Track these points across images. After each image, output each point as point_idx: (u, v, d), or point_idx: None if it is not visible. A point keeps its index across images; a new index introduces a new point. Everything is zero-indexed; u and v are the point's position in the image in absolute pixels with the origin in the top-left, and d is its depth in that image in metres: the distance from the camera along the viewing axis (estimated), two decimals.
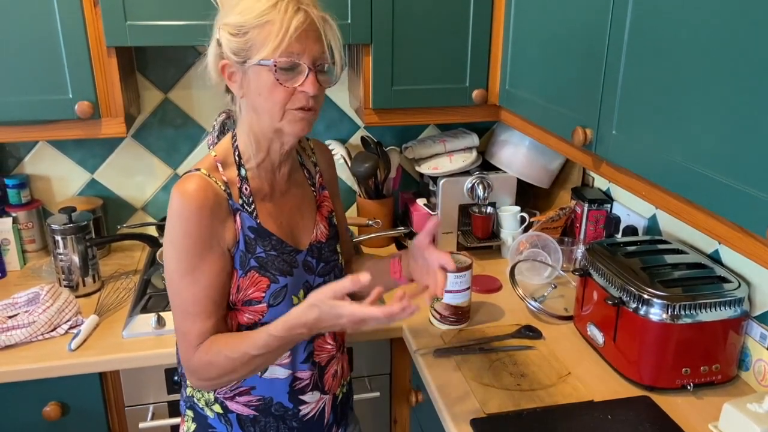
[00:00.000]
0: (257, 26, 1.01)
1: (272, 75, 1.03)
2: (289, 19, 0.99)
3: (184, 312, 1.10)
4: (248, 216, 1.13)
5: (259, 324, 1.15)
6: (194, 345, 1.11)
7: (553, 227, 1.96)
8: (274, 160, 1.16)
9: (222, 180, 1.11)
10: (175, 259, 1.09)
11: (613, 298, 1.38)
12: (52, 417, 1.53)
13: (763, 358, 1.34)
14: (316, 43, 1.03)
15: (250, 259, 1.13)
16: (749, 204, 0.89)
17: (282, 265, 1.16)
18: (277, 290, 1.15)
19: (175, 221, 1.08)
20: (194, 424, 1.25)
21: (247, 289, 1.14)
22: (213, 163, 1.13)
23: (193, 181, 1.08)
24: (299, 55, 1.02)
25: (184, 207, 1.06)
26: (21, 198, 1.95)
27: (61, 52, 1.55)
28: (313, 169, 1.29)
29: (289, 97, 1.05)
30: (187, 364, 1.13)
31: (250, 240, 1.13)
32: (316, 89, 1.04)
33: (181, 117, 2.05)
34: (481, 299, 1.76)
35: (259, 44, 1.02)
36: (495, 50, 1.77)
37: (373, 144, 2.06)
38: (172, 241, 1.08)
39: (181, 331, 1.11)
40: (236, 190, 1.12)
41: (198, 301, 1.09)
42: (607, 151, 1.24)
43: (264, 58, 1.01)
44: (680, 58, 1.02)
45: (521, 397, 1.34)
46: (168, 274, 1.11)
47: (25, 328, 1.55)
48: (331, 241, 1.26)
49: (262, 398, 1.20)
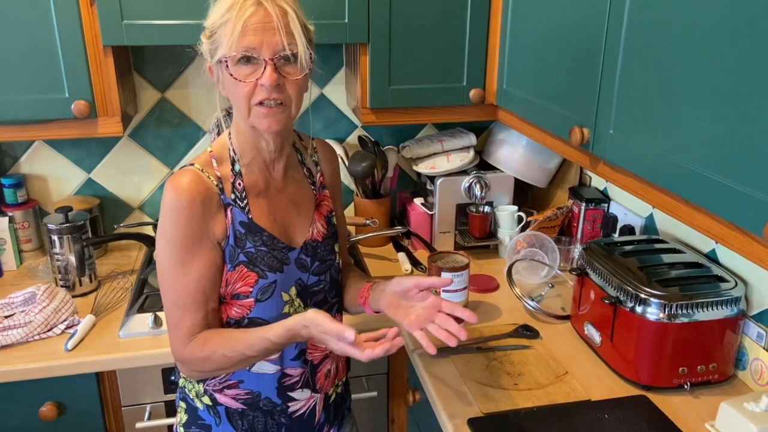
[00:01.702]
0: (220, 26, 1.05)
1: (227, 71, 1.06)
2: (242, 15, 1.02)
3: (175, 303, 1.12)
4: (240, 211, 1.14)
5: (246, 318, 1.17)
6: (186, 337, 1.13)
7: (550, 226, 1.96)
8: (265, 157, 1.18)
9: (215, 175, 1.13)
10: (167, 251, 1.11)
11: (610, 297, 1.38)
12: (49, 417, 1.53)
13: (759, 357, 1.35)
14: (275, 35, 1.03)
15: (240, 253, 1.14)
16: (746, 203, 0.89)
17: (272, 261, 1.16)
18: (265, 286, 1.16)
19: (167, 214, 1.10)
20: (186, 416, 1.26)
21: (235, 283, 1.15)
22: (208, 159, 1.15)
23: (186, 176, 1.10)
24: (256, 49, 1.03)
25: (176, 200, 1.09)
26: (17, 197, 1.95)
27: (57, 52, 1.55)
28: (314, 168, 1.29)
29: (251, 92, 1.06)
30: (178, 356, 1.15)
31: (241, 235, 1.14)
32: (273, 80, 1.04)
33: (177, 116, 2.04)
34: (479, 299, 1.76)
35: (219, 43, 1.05)
36: (492, 49, 1.77)
37: (370, 143, 2.06)
38: (164, 233, 1.11)
39: (172, 322, 1.14)
40: (229, 186, 1.14)
41: (188, 293, 1.11)
42: (604, 150, 1.24)
43: (223, 55, 1.05)
44: (677, 58, 1.02)
45: (518, 396, 1.34)
46: (159, 266, 1.13)
47: (22, 328, 1.54)
48: (329, 241, 1.27)
49: (250, 392, 1.21)
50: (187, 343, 1.13)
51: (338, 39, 1.68)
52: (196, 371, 1.17)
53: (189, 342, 1.13)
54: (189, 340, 1.13)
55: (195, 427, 1.24)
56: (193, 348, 1.13)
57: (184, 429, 1.26)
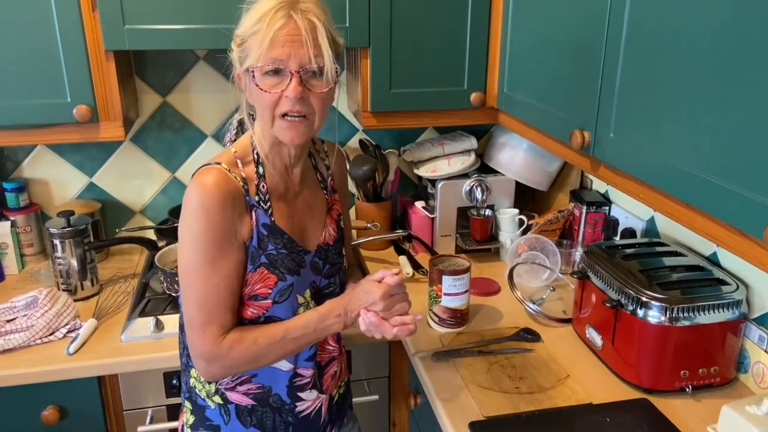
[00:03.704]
0: (251, 35, 1.06)
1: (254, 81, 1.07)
2: (273, 27, 1.03)
3: (202, 303, 1.11)
4: (263, 213, 1.15)
5: (262, 317, 1.18)
6: (216, 336, 1.12)
7: (551, 230, 1.96)
8: (286, 162, 1.20)
9: (240, 176, 1.14)
10: (194, 250, 1.10)
11: (612, 300, 1.38)
12: (51, 421, 1.53)
13: (761, 360, 1.35)
14: (302, 48, 1.04)
15: (261, 255, 1.15)
16: (746, 206, 0.89)
17: (291, 264, 1.18)
18: (284, 288, 1.18)
19: (195, 213, 1.08)
20: (192, 417, 1.27)
21: (255, 285, 1.16)
22: (233, 158, 1.15)
23: (213, 174, 1.10)
24: (284, 61, 1.05)
25: (205, 198, 1.08)
26: (19, 201, 1.95)
27: (59, 56, 1.55)
28: (326, 171, 1.31)
29: (275, 103, 1.07)
30: (210, 353, 1.12)
31: (263, 237, 1.15)
32: (298, 93, 1.05)
33: (179, 120, 2.05)
34: (480, 302, 1.76)
35: (249, 52, 1.06)
36: (493, 53, 1.77)
37: (371, 147, 2.06)
38: (191, 232, 1.09)
39: (198, 322, 1.12)
40: (253, 187, 1.15)
41: (218, 292, 1.11)
42: (604, 153, 1.24)
43: (251, 65, 1.06)
44: (677, 62, 1.02)
45: (520, 399, 1.34)
46: (184, 265, 1.11)
47: (24, 332, 1.54)
48: (338, 244, 1.29)
49: (261, 386, 1.22)
50: (220, 343, 1.12)
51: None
52: (230, 369, 1.15)
53: (220, 342, 1.12)
54: (221, 341, 1.12)
55: (203, 428, 1.25)
56: (230, 346, 1.12)
57: (191, 430, 1.26)
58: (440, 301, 1.58)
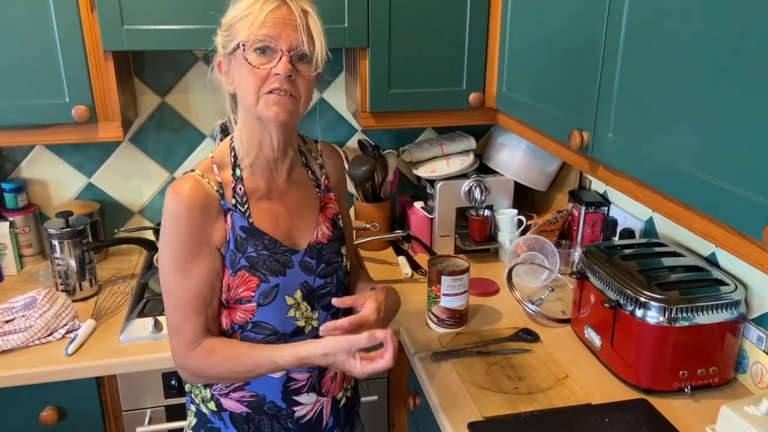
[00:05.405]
0: (240, 19, 1.07)
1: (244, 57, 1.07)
2: (265, 9, 1.05)
3: (176, 308, 1.14)
4: (240, 216, 1.15)
5: (250, 323, 1.17)
6: (189, 343, 1.14)
7: (550, 230, 1.96)
8: (268, 156, 1.18)
9: (216, 180, 1.14)
10: (168, 257, 1.13)
11: (610, 301, 1.38)
12: (49, 422, 1.53)
13: (760, 360, 1.35)
14: (294, 31, 1.06)
15: (241, 258, 1.15)
16: (745, 207, 0.89)
17: (274, 264, 1.17)
18: (267, 290, 1.17)
19: (167, 220, 1.12)
20: (195, 419, 1.27)
21: (237, 288, 1.16)
22: (209, 165, 1.16)
23: (186, 182, 1.12)
24: (274, 39, 1.05)
25: (175, 206, 1.11)
26: (18, 202, 1.95)
27: (58, 57, 1.55)
28: (319, 170, 1.30)
29: (263, 80, 1.07)
30: (180, 362, 1.16)
31: (242, 239, 1.15)
32: (288, 70, 1.05)
33: (178, 121, 2.04)
34: (479, 302, 1.76)
35: (237, 33, 1.07)
36: (491, 54, 1.77)
37: (370, 147, 2.06)
38: (164, 239, 1.13)
39: (173, 326, 1.15)
40: (230, 191, 1.15)
41: (189, 298, 1.13)
42: (603, 154, 1.24)
43: (240, 41, 1.06)
44: (676, 62, 1.02)
45: (519, 400, 1.34)
46: (161, 271, 1.15)
47: (22, 333, 1.54)
48: (335, 243, 1.27)
49: (255, 395, 1.21)
50: (191, 350, 1.14)
51: (338, 43, 1.68)
52: (199, 378, 1.18)
53: (193, 349, 1.14)
54: (192, 347, 1.14)
55: (204, 430, 1.25)
56: (197, 356, 1.14)
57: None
58: (439, 301, 1.58)
